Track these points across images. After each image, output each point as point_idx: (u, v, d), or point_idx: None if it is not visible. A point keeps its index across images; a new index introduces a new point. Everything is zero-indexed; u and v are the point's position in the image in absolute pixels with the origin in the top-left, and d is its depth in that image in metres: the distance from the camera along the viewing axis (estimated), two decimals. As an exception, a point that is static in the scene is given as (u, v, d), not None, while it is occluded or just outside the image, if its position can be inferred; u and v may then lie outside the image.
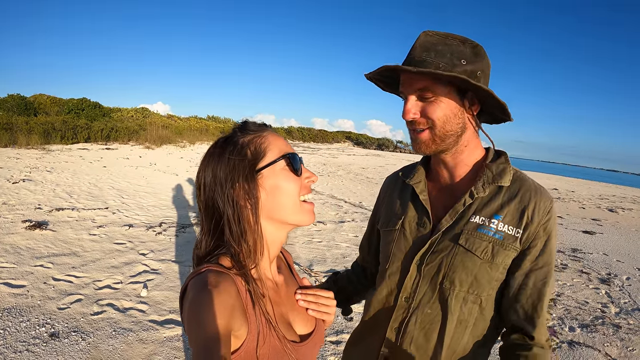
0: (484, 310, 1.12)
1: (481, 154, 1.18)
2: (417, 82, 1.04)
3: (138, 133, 19.64)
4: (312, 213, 0.96)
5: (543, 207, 1.08)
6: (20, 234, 5.37)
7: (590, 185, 26.53)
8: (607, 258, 7.07)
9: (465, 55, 1.04)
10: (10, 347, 2.99)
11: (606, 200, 16.79)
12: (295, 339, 0.93)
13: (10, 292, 3.80)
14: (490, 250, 1.07)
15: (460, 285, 1.09)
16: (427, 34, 1.05)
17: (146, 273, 4.58)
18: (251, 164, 0.90)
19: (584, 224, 10.41)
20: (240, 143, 0.92)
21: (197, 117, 32.80)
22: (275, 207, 0.92)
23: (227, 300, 0.79)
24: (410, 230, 1.18)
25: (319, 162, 21.29)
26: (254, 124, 0.97)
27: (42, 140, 15.51)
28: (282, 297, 0.99)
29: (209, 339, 0.74)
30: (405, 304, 1.15)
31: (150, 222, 6.62)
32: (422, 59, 1.03)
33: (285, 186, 0.91)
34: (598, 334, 3.96)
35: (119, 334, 3.29)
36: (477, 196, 1.11)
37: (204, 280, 0.81)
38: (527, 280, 1.09)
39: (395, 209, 1.26)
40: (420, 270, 1.13)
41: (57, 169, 10.43)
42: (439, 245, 1.12)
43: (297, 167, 0.94)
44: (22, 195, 7.39)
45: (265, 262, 0.97)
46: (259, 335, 0.84)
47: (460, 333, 1.11)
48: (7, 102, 20.62)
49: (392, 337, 1.17)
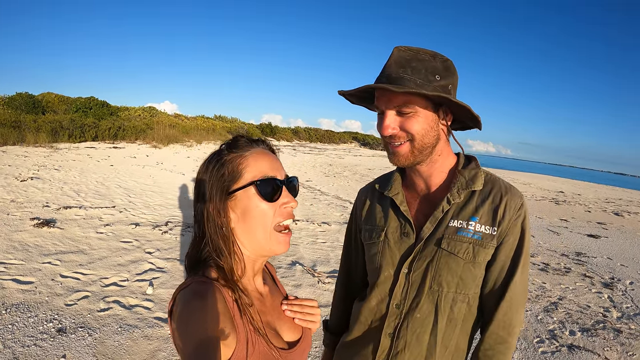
0: (471, 308, 1.19)
1: (453, 160, 1.25)
2: (396, 99, 1.08)
3: (145, 132, 19.75)
4: (284, 244, 0.93)
5: (513, 204, 1.15)
6: (28, 232, 5.46)
7: (596, 188, 26.42)
8: (611, 262, 7.07)
9: (437, 70, 1.09)
10: (19, 341, 3.06)
11: (612, 204, 16.72)
12: (283, 347, 0.95)
13: (19, 288, 3.88)
14: (471, 251, 1.13)
15: (448, 286, 1.15)
16: (400, 49, 1.10)
17: (152, 271, 4.65)
18: (225, 185, 0.90)
19: (589, 228, 10.39)
20: (222, 161, 0.91)
21: (204, 117, 32.90)
22: (246, 231, 0.92)
23: (215, 310, 0.81)
24: (394, 241, 1.23)
25: (325, 162, 21.33)
26: (245, 141, 0.96)
27: (50, 138, 15.63)
28: (267, 307, 1.00)
29: (199, 347, 0.75)
30: (397, 311, 1.20)
31: (156, 221, 6.70)
32: (399, 75, 1.07)
33: (255, 212, 0.90)
34: (598, 338, 3.98)
35: (124, 330, 3.35)
36: (453, 202, 1.17)
37: (191, 292, 0.82)
38: (500, 274, 1.16)
39: (377, 221, 1.30)
40: (409, 278, 1.19)
41: (64, 168, 10.54)
42: (424, 251, 1.17)
43: (268, 193, 0.91)
44: (30, 193, 7.49)
45: (250, 274, 0.98)
46: (248, 344, 0.85)
47: (451, 331, 1.17)
48: (15, 101, 20.81)
49: (386, 343, 1.22)
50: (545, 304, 4.75)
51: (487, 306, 1.19)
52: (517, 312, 1.15)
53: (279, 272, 4.93)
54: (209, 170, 0.92)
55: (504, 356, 1.15)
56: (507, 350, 1.15)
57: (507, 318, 1.14)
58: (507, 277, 1.15)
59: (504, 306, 1.14)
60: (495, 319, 1.15)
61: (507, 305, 1.14)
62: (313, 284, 4.69)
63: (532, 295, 4.99)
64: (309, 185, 12.72)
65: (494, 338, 1.15)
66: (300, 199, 9.98)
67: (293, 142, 36.62)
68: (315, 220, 7.94)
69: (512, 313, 1.14)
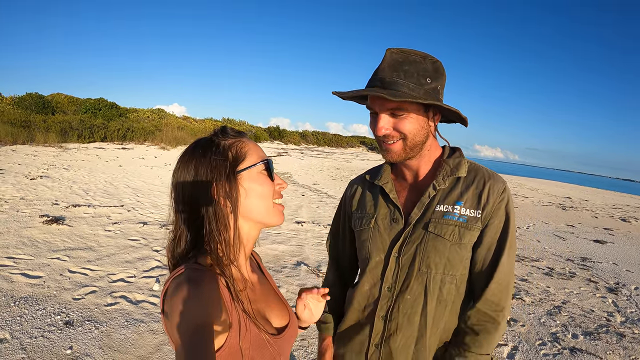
0: (459, 289, 1.24)
1: (439, 152, 1.33)
2: (390, 103, 1.15)
3: (154, 134, 19.91)
4: (282, 214, 1.04)
5: (496, 189, 1.21)
6: (37, 228, 5.55)
7: (604, 194, 26.25)
8: (616, 267, 7.04)
9: (428, 72, 1.16)
10: (26, 332, 3.12)
11: (620, 210, 16.62)
12: (273, 332, 1.00)
13: (28, 282, 3.95)
14: (457, 233, 1.20)
15: (436, 268, 1.20)
16: (392, 52, 1.16)
17: (159, 268, 4.72)
18: (232, 166, 0.95)
19: (596, 233, 10.35)
20: (222, 145, 0.97)
21: (212, 120, 33.07)
22: (250, 207, 0.98)
23: (210, 296, 0.84)
24: (384, 227, 1.30)
25: (332, 166, 21.37)
26: (232, 130, 1.03)
27: (60, 138, 15.80)
28: (257, 294, 1.06)
29: (195, 333, 0.78)
30: (388, 294, 1.26)
31: (163, 220, 6.78)
32: (393, 79, 1.13)
33: (261, 189, 0.98)
34: (601, 342, 3.98)
35: (130, 324, 3.41)
36: (439, 188, 1.24)
37: (186, 278, 0.86)
38: (487, 255, 1.21)
39: (367, 209, 1.37)
40: (399, 261, 1.25)
41: (73, 167, 10.67)
42: (412, 235, 1.24)
43: (271, 173, 1.01)
44: (39, 191, 7.59)
45: (242, 260, 1.03)
46: (240, 329, 0.89)
47: (441, 312, 1.22)
48: (25, 101, 21.06)
49: (380, 325, 1.27)
50: (549, 308, 4.75)
51: (477, 287, 1.23)
52: (505, 292, 1.19)
53: (284, 272, 4.98)
54: (209, 154, 0.95)
55: (490, 335, 1.19)
56: (494, 330, 1.19)
57: (495, 298, 1.19)
58: (494, 258, 1.20)
59: (492, 287, 1.18)
60: (484, 298, 1.19)
61: (495, 285, 1.18)
62: (317, 284, 4.72)
63: (535, 299, 5.00)
64: (316, 189, 12.77)
65: (482, 314, 1.20)
66: (307, 202, 10.05)
67: (301, 146, 36.71)
68: (321, 222, 7.99)
69: (500, 293, 1.19)
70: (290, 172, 17.19)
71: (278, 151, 26.96)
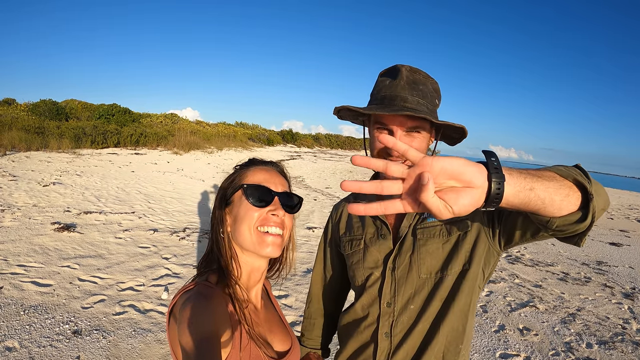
0: (461, 286, 1.19)
1: None
2: (410, 122, 1.15)
3: (167, 139, 20.04)
4: (266, 245, 0.99)
5: None
6: (49, 235, 5.59)
7: (620, 194, 25.84)
8: (633, 271, 6.90)
9: (435, 92, 1.22)
10: (35, 341, 3.14)
11: (636, 211, 16.36)
12: (273, 356, 1.01)
13: (37, 290, 3.98)
14: (445, 230, 1.21)
15: (434, 270, 1.20)
16: (406, 69, 1.18)
17: (168, 277, 4.72)
18: (227, 194, 1.04)
19: (611, 236, 10.17)
20: (232, 174, 1.06)
21: (225, 123, 33.24)
22: (237, 234, 1.01)
23: (218, 312, 0.87)
24: (372, 245, 1.29)
25: (345, 169, 21.34)
26: (260, 161, 1.09)
27: (73, 144, 15.96)
28: (261, 319, 1.07)
29: (202, 344, 0.79)
30: (388, 309, 1.23)
31: (174, 227, 6.79)
32: (414, 98, 1.16)
33: (243, 215, 0.99)
34: (616, 352, 3.89)
35: (138, 334, 3.41)
36: None
37: (195, 292, 0.89)
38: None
39: (354, 231, 1.37)
40: (394, 275, 1.23)
41: (86, 173, 10.76)
42: (402, 247, 1.23)
43: (255, 197, 1.00)
44: (52, 198, 7.66)
45: (245, 281, 1.05)
46: (241, 348, 0.90)
47: (445, 314, 1.19)
48: (39, 107, 21.37)
49: (385, 343, 1.23)
50: (563, 315, 4.66)
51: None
52: None
53: (294, 280, 4.95)
54: (222, 184, 1.07)
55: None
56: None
57: None
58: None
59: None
60: None
61: None
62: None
63: (549, 306, 4.90)
64: (328, 192, 12.75)
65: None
66: (319, 206, 10.01)
67: (314, 149, 36.73)
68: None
69: None
70: (303, 175, 17.20)
71: (291, 154, 27.00)
